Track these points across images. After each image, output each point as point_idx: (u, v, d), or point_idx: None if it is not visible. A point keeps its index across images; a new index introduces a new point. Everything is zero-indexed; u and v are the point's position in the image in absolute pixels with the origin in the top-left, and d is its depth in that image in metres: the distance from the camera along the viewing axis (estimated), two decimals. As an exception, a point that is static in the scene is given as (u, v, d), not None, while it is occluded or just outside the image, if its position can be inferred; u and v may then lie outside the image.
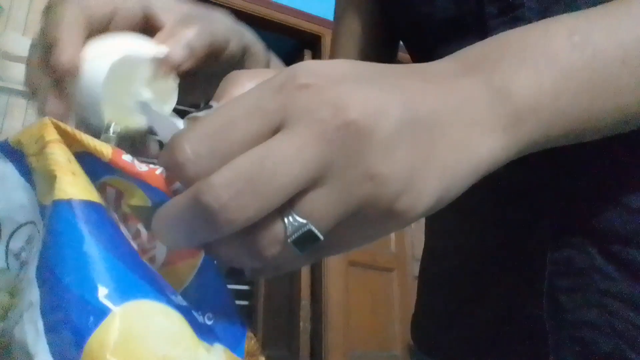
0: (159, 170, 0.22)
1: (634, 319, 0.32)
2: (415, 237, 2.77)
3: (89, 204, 0.20)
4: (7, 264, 0.22)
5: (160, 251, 0.24)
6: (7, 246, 0.23)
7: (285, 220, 0.19)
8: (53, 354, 0.18)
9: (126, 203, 0.23)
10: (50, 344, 0.18)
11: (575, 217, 0.34)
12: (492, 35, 0.36)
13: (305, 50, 2.86)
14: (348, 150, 0.19)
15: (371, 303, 2.63)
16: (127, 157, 0.22)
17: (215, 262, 0.25)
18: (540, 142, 0.24)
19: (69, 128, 0.21)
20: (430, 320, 0.47)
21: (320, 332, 2.42)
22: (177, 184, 0.22)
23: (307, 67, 0.20)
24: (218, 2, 2.49)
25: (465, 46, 0.38)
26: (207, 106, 0.21)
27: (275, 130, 0.19)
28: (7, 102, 2.06)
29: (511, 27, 0.35)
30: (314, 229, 0.19)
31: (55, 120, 0.21)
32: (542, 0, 0.35)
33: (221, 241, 0.20)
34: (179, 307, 0.20)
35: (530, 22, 0.35)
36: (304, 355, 2.43)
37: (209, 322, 0.23)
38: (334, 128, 0.18)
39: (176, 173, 0.20)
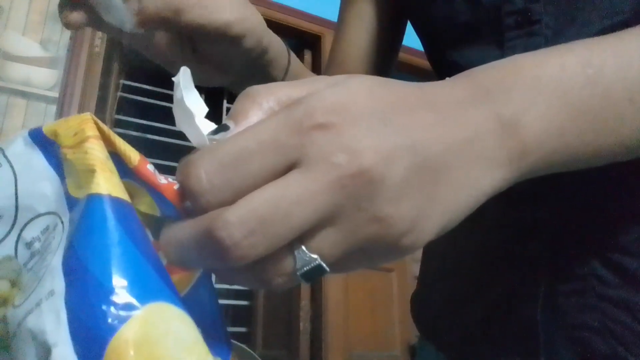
0: (177, 186, 0.23)
1: (631, 324, 0.33)
2: (415, 237, 2.76)
3: (122, 202, 0.21)
4: (16, 252, 0.22)
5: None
6: (19, 234, 0.23)
7: (296, 254, 0.20)
8: (75, 345, 0.18)
9: (136, 208, 0.24)
10: (72, 334, 0.18)
11: (577, 225, 0.35)
12: (506, 46, 0.38)
13: (305, 50, 2.86)
14: (359, 196, 0.19)
15: (371, 303, 2.63)
16: (150, 167, 0.23)
17: (210, 279, 0.26)
18: (542, 171, 0.24)
19: (105, 127, 0.22)
20: (428, 308, 0.48)
21: (320, 332, 2.42)
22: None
23: (325, 104, 0.20)
24: (218, 2, 2.48)
25: (479, 52, 0.38)
26: (223, 127, 0.21)
27: (290, 167, 0.20)
28: (7, 102, 2.06)
29: (526, 42, 0.37)
30: (323, 264, 0.20)
31: (94, 117, 0.22)
32: (558, 18, 0.36)
33: (233, 269, 0.21)
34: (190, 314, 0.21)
35: (545, 38, 0.36)
36: (304, 355, 2.43)
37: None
38: (349, 175, 0.19)
39: (189, 199, 0.20)
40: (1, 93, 2.04)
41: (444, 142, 0.21)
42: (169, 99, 3.20)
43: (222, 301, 3.40)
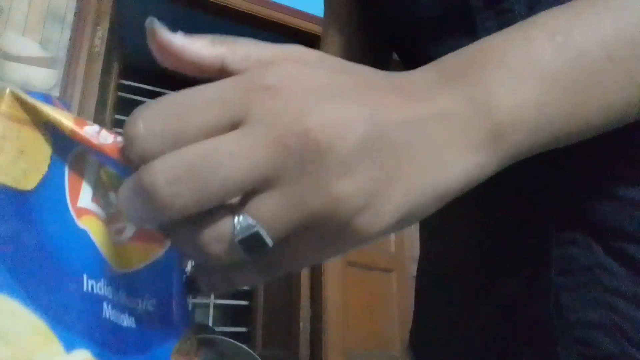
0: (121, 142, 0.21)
1: None
2: (415, 237, 2.76)
3: None
4: None
5: (131, 225, 0.24)
6: None
7: (235, 218, 0.19)
8: None
9: (103, 170, 0.23)
10: None
11: (578, 213, 0.33)
12: (479, 29, 0.36)
13: (304, 50, 2.86)
14: (305, 159, 0.18)
15: (370, 303, 2.63)
16: (90, 128, 0.21)
17: (179, 259, 0.25)
18: (524, 152, 0.23)
19: (29, 99, 0.20)
20: (424, 329, 0.45)
21: (320, 333, 2.42)
22: None
23: (282, 70, 0.19)
24: (218, 2, 2.48)
25: (454, 44, 0.37)
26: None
27: (234, 126, 0.19)
28: (7, 102, 2.05)
29: (498, 20, 0.35)
30: (262, 231, 0.18)
31: (16, 91, 0.20)
32: None
33: (173, 227, 0.20)
34: (44, 308, 0.20)
35: (517, 13, 0.34)
36: (304, 355, 2.43)
37: (151, 309, 0.23)
38: (293, 133, 0.18)
39: (127, 147, 0.19)
40: (1, 93, 2.04)
41: (407, 117, 0.20)
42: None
43: (221, 301, 3.39)
